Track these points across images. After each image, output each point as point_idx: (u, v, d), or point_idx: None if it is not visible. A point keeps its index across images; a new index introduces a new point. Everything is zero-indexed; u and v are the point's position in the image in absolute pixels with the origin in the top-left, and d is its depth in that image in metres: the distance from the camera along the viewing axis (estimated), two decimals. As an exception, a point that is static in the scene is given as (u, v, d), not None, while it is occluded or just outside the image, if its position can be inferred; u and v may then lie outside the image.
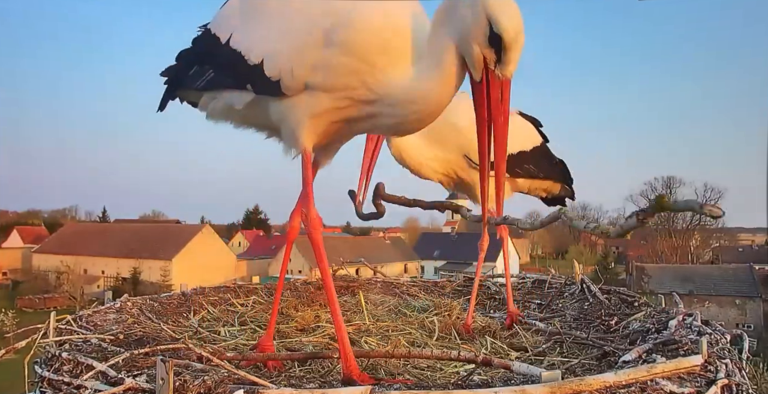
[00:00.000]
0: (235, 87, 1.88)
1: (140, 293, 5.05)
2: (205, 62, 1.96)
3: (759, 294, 29.67)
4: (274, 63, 1.73)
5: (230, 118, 2.07)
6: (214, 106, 2.03)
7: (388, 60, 1.64)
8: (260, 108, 1.86)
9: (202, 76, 1.95)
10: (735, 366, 1.85)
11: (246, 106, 1.88)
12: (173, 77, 2.18)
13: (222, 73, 1.89)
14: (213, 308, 3.20)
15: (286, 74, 1.71)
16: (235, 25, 1.85)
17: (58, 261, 42.20)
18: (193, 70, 2.00)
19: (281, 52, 1.71)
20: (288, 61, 1.70)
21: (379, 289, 3.84)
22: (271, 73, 1.73)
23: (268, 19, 1.78)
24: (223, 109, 2.00)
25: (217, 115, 2.07)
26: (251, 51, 1.77)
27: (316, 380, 1.99)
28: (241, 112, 1.93)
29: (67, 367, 1.86)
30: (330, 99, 1.71)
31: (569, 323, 3.02)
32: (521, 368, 1.67)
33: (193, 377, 1.52)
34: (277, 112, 1.83)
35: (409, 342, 2.61)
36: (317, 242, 1.87)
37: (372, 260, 5.87)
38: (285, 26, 1.72)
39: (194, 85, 1.99)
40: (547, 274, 4.09)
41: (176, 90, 2.21)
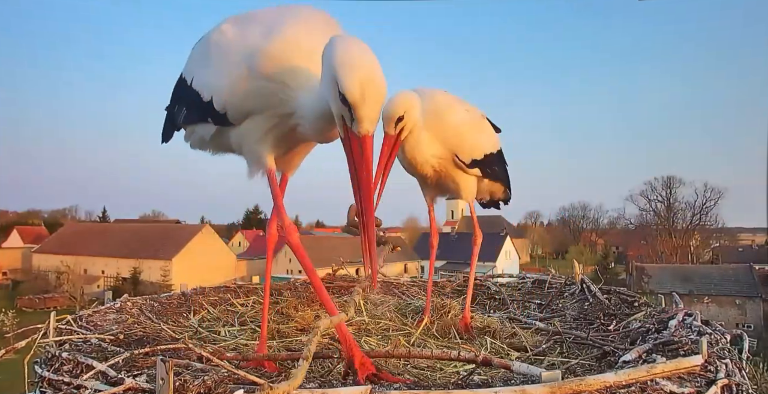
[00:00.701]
0: (201, 121, 2.12)
1: (140, 293, 5.05)
2: (180, 102, 2.22)
3: (759, 294, 29.67)
4: (217, 98, 1.98)
5: (205, 147, 2.32)
6: (192, 138, 2.33)
7: (296, 81, 1.83)
8: (224, 136, 2.12)
9: (180, 113, 2.21)
10: (735, 366, 1.85)
11: (212, 136, 2.15)
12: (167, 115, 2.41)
13: (191, 110, 2.14)
14: (213, 308, 3.20)
15: (229, 107, 1.97)
16: (194, 67, 2.12)
17: (58, 261, 42.18)
18: (176, 109, 2.25)
19: (221, 88, 1.96)
20: (227, 95, 1.96)
21: (379, 289, 3.84)
22: (218, 107, 1.99)
23: (213, 62, 2.01)
24: (198, 140, 2.29)
25: (196, 145, 2.35)
26: (204, 90, 2.03)
27: (316, 380, 1.99)
28: (211, 142, 2.21)
29: (67, 367, 1.86)
30: (265, 119, 1.96)
31: (569, 323, 3.02)
32: (521, 368, 1.67)
33: (193, 377, 1.52)
34: (236, 139, 2.08)
35: (409, 342, 2.61)
36: (296, 246, 2.07)
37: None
38: (222, 67, 1.96)
39: (177, 121, 2.25)
40: (547, 274, 4.09)
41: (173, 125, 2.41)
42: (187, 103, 2.15)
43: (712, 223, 49.75)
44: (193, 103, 2.08)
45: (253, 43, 1.88)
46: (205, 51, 2.08)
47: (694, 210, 48.72)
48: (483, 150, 2.87)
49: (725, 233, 55.21)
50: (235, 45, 1.94)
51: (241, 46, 1.92)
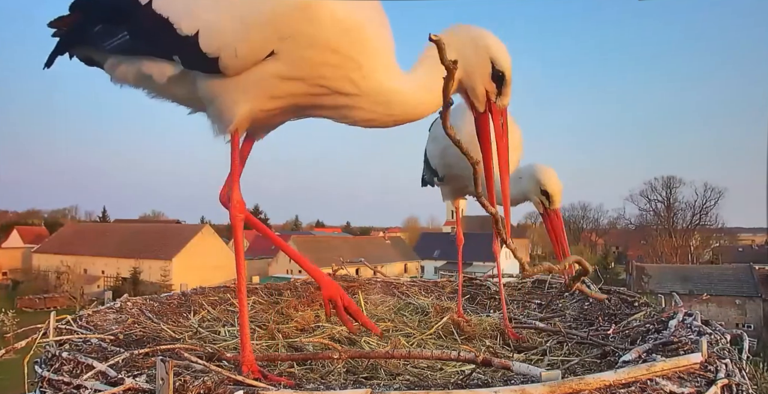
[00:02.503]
0: (156, 56, 1.73)
1: (140, 293, 5.05)
2: (117, 22, 1.75)
3: (759, 294, 29.67)
4: (211, 41, 1.60)
5: (147, 87, 1.90)
6: (125, 71, 1.85)
7: (370, 58, 1.65)
8: (185, 82, 1.74)
9: (112, 37, 1.76)
10: (735, 366, 1.85)
11: (169, 79, 1.75)
12: (69, 32, 1.97)
13: (140, 38, 1.72)
14: (213, 308, 3.20)
15: (228, 57, 1.60)
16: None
17: (58, 261, 42.17)
18: (99, 28, 1.81)
19: (224, 33, 1.59)
20: (232, 41, 1.58)
21: (379, 289, 3.84)
22: (207, 50, 1.60)
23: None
24: (138, 76, 1.83)
25: (130, 81, 1.90)
26: (182, 19, 1.62)
27: (316, 380, 1.99)
28: (161, 84, 1.78)
29: (67, 367, 1.86)
30: (297, 85, 1.66)
31: (569, 323, 3.03)
32: (521, 368, 1.67)
33: (193, 378, 1.52)
34: (209, 90, 1.71)
35: (409, 342, 2.61)
36: (236, 227, 1.79)
37: (372, 260, 5.87)
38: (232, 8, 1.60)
39: (100, 45, 1.82)
40: (547, 274, 4.09)
41: (72, 46, 2.01)
42: (137, 29, 1.72)
43: (712, 223, 49.79)
44: (150, 32, 1.68)
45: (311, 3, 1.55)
46: None
47: (694, 210, 48.77)
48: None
49: (725, 233, 55.18)
50: None
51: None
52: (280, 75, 1.64)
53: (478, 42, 1.72)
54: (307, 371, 2.12)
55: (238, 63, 1.62)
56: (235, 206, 1.77)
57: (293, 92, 1.68)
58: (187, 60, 1.67)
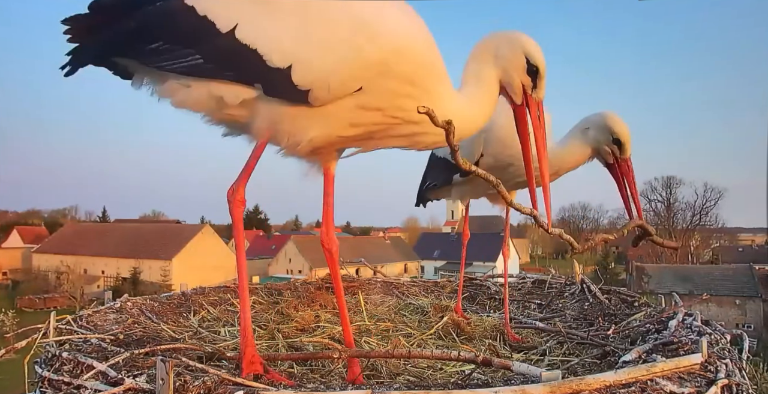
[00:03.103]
0: (232, 80, 1.74)
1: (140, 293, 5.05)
2: (186, 44, 1.74)
3: (759, 294, 29.64)
4: (306, 74, 1.65)
5: (207, 111, 1.88)
6: (188, 93, 1.83)
7: (437, 85, 1.77)
8: (256, 105, 1.77)
9: (178, 57, 1.74)
10: (735, 366, 1.85)
11: (242, 103, 1.77)
12: (109, 43, 1.88)
13: (218, 64, 1.72)
14: (213, 308, 3.20)
15: (320, 89, 1.66)
16: (242, 14, 1.68)
17: (58, 261, 42.16)
18: (159, 46, 1.76)
19: (318, 68, 1.65)
20: (326, 77, 1.65)
21: (379, 289, 3.84)
22: (300, 82, 1.65)
23: (300, 21, 1.67)
24: (202, 97, 1.81)
25: (190, 104, 1.87)
26: (273, 53, 1.65)
27: (316, 380, 1.99)
28: (231, 105, 1.79)
29: (67, 367, 1.86)
30: (373, 115, 1.75)
31: (569, 323, 3.02)
32: (521, 368, 1.67)
33: (193, 378, 1.52)
34: (285, 115, 1.74)
35: (409, 342, 2.61)
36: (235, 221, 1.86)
37: (372, 260, 5.86)
38: (325, 36, 1.65)
39: (159, 63, 1.78)
40: (547, 274, 4.09)
41: (111, 57, 1.94)
42: (216, 54, 1.71)
43: (712, 223, 49.74)
44: (233, 60, 1.69)
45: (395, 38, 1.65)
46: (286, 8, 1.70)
47: (694, 210, 48.72)
48: None
49: (725, 233, 55.18)
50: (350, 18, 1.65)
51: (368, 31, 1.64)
52: (362, 106, 1.72)
53: (513, 42, 1.87)
54: (308, 371, 2.12)
55: (329, 96, 1.68)
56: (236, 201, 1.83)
57: (371, 122, 1.77)
58: (271, 89, 1.71)
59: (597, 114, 2.62)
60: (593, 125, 2.60)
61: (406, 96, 1.72)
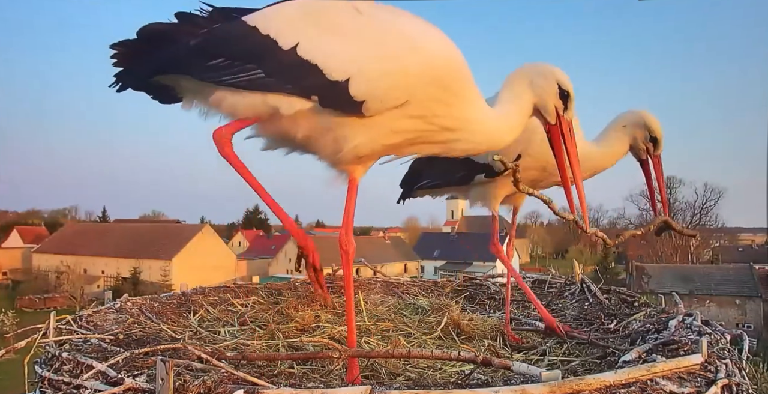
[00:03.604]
0: (289, 93, 1.87)
1: (140, 293, 5.05)
2: (250, 61, 1.89)
3: (759, 294, 29.64)
4: (362, 87, 1.79)
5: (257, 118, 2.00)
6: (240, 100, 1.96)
7: (471, 94, 1.94)
8: (308, 115, 1.90)
9: (240, 72, 1.89)
10: (735, 366, 1.85)
11: (295, 113, 1.90)
12: (166, 61, 2.04)
13: (279, 78, 1.86)
14: (213, 308, 3.20)
15: (374, 100, 1.80)
16: (303, 33, 1.85)
17: (58, 261, 42.18)
18: (220, 63, 1.91)
19: (373, 77, 1.79)
20: (381, 90, 1.80)
21: (379, 289, 3.84)
22: (356, 94, 1.79)
23: (356, 40, 1.84)
24: (257, 108, 1.94)
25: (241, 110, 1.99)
26: (332, 67, 1.80)
27: (316, 380, 1.99)
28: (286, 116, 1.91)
29: (67, 367, 1.86)
30: (416, 122, 1.89)
31: (569, 323, 3.02)
32: (521, 367, 1.67)
33: (193, 377, 1.52)
34: (336, 124, 1.88)
35: (408, 342, 2.61)
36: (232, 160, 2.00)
37: (372, 260, 5.85)
38: (379, 53, 1.82)
39: (218, 78, 1.92)
40: (547, 274, 4.09)
41: (163, 75, 2.10)
42: (277, 69, 1.85)
43: (712, 223, 49.76)
44: (293, 74, 1.83)
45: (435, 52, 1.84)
46: (334, 17, 1.88)
47: (694, 210, 48.75)
48: None
49: (725, 233, 55.18)
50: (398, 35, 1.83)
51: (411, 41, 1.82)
52: (406, 114, 1.87)
53: (546, 71, 2.09)
54: (308, 371, 2.12)
55: (382, 107, 1.83)
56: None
57: (412, 128, 1.91)
58: (328, 101, 1.84)
59: (632, 112, 2.74)
60: (630, 123, 2.70)
61: (445, 103, 1.87)
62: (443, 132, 1.94)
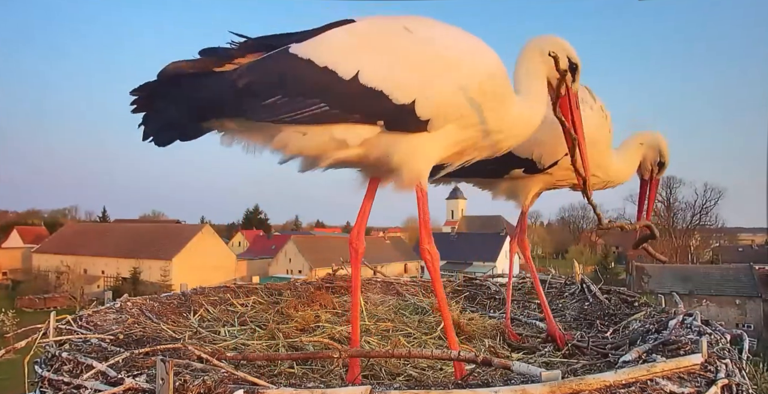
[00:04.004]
0: (354, 122, 1.89)
1: (140, 293, 5.04)
2: (311, 96, 1.86)
3: (759, 294, 29.62)
4: (427, 106, 1.86)
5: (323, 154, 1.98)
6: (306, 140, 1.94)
7: (510, 97, 2.04)
8: (376, 141, 1.93)
9: (301, 109, 1.86)
10: (735, 366, 1.85)
11: (363, 141, 1.92)
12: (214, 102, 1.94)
13: (343, 108, 1.87)
14: (213, 308, 3.20)
15: (438, 116, 1.89)
16: (361, 60, 1.86)
17: (58, 261, 42.18)
18: (277, 101, 1.86)
19: (437, 97, 1.87)
20: (444, 106, 1.89)
21: (379, 289, 3.84)
22: (422, 114, 1.86)
23: (413, 60, 1.89)
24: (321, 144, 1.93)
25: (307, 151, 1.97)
26: (397, 91, 1.84)
27: (316, 380, 1.99)
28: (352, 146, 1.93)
29: (67, 367, 1.86)
30: (469, 131, 2.00)
31: (569, 322, 3.02)
32: (521, 367, 1.67)
33: (193, 377, 1.52)
34: (402, 145, 1.93)
35: (409, 342, 2.61)
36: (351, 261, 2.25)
37: (372, 260, 5.84)
38: (437, 71, 1.88)
39: (277, 117, 1.87)
40: (547, 274, 4.09)
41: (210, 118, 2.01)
42: (342, 100, 1.86)
43: (712, 223, 49.72)
44: (355, 102, 1.85)
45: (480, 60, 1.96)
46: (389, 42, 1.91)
47: (694, 210, 48.69)
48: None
49: (725, 233, 55.14)
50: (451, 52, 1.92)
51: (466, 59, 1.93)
52: (463, 125, 1.97)
53: (556, 44, 2.14)
54: (308, 371, 2.12)
55: (445, 122, 1.92)
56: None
57: (467, 137, 2.02)
58: (394, 124, 1.90)
59: (651, 133, 2.83)
60: (647, 143, 2.80)
61: (493, 109, 1.97)
62: (491, 135, 2.04)
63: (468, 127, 1.98)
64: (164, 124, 2.03)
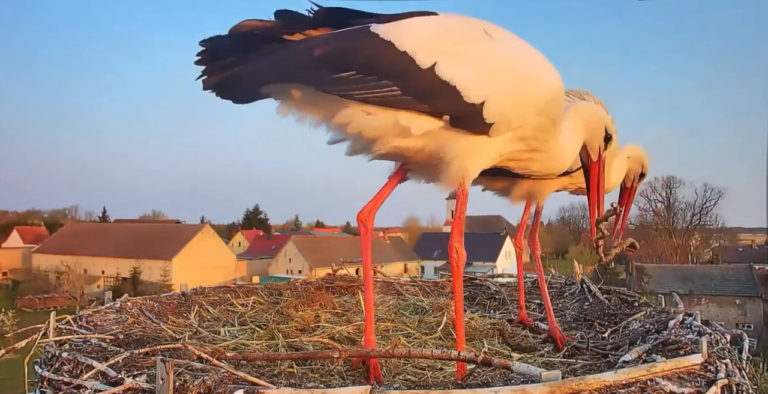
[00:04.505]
0: (423, 112, 1.89)
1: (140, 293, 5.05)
2: (385, 77, 1.84)
3: (759, 294, 29.63)
4: (495, 110, 1.88)
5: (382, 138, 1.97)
6: (369, 120, 1.92)
7: (558, 125, 2.12)
8: (432, 134, 1.93)
9: (373, 88, 1.84)
10: (735, 366, 1.85)
11: (424, 133, 1.93)
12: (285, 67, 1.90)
13: (416, 96, 1.86)
14: (213, 308, 3.20)
15: (502, 122, 1.92)
16: (440, 53, 1.85)
17: (58, 261, 42.21)
18: (350, 76, 1.84)
19: (506, 104, 1.90)
20: (510, 113, 1.92)
21: (379, 289, 3.84)
22: (488, 116, 1.88)
23: (490, 64, 1.91)
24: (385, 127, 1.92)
25: (368, 131, 1.95)
26: (470, 90, 1.85)
27: (316, 380, 2.00)
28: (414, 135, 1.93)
29: (67, 367, 1.86)
30: (519, 144, 2.06)
31: (569, 323, 3.03)
32: (521, 367, 1.67)
33: (193, 377, 1.52)
34: (456, 142, 1.95)
35: (409, 342, 2.61)
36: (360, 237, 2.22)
37: (372, 260, 5.83)
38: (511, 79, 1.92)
39: (347, 92, 1.85)
40: (547, 274, 4.09)
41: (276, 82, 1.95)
42: (415, 88, 1.84)
43: (712, 223, 49.70)
44: (428, 93, 1.84)
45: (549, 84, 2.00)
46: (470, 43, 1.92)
47: (694, 210, 48.65)
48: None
49: (725, 233, 55.11)
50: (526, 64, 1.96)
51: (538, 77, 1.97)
52: (518, 136, 2.02)
53: (599, 116, 2.32)
54: (308, 371, 2.12)
55: (507, 129, 1.96)
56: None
57: (515, 149, 2.08)
58: (459, 121, 1.90)
59: (635, 147, 2.95)
60: (633, 156, 2.92)
61: (545, 129, 2.05)
62: (532, 152, 2.12)
63: (520, 140, 2.04)
64: (224, 80, 1.96)
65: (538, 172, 2.27)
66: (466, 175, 2.00)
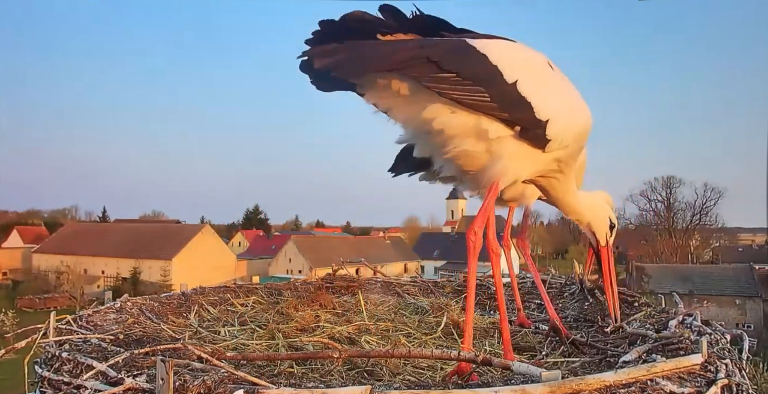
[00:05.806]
0: (500, 119, 2.11)
1: (140, 293, 5.05)
2: (479, 84, 2.06)
3: (759, 294, 29.63)
4: (555, 129, 2.12)
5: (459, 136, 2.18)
6: (453, 118, 2.13)
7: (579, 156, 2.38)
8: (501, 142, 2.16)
9: (468, 92, 2.05)
10: (735, 366, 1.85)
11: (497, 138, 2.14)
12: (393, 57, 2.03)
13: (501, 105, 2.08)
14: (213, 308, 3.20)
15: (556, 141, 2.15)
16: (521, 72, 2.09)
17: (58, 261, 42.21)
18: (451, 77, 2.03)
19: (561, 125, 2.14)
20: (564, 134, 2.16)
21: (379, 289, 3.84)
22: (549, 133, 2.12)
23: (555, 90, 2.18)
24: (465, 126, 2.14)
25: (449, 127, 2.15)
26: (540, 108, 2.09)
27: (316, 380, 2.00)
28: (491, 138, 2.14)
29: (67, 367, 1.86)
30: (553, 164, 2.28)
31: (569, 323, 3.03)
32: (521, 368, 1.67)
33: (193, 377, 1.52)
34: (509, 151, 2.16)
35: (409, 342, 2.61)
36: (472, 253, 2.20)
37: (372, 260, 5.86)
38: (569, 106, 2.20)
39: (445, 91, 2.04)
40: (547, 274, 4.09)
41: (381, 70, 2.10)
42: (500, 98, 2.08)
43: (712, 223, 49.69)
44: (510, 105, 2.08)
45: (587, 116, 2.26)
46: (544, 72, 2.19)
47: (694, 210, 48.65)
48: None
49: (725, 233, 55.11)
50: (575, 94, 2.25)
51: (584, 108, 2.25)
52: (556, 157, 2.24)
53: (607, 207, 2.60)
54: (308, 371, 2.13)
55: (557, 148, 2.18)
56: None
57: (549, 168, 2.29)
58: (526, 133, 2.13)
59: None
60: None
61: (573, 156, 2.28)
62: (555, 173, 2.33)
63: (555, 161, 2.26)
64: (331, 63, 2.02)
65: (545, 194, 2.49)
66: (505, 175, 2.18)
